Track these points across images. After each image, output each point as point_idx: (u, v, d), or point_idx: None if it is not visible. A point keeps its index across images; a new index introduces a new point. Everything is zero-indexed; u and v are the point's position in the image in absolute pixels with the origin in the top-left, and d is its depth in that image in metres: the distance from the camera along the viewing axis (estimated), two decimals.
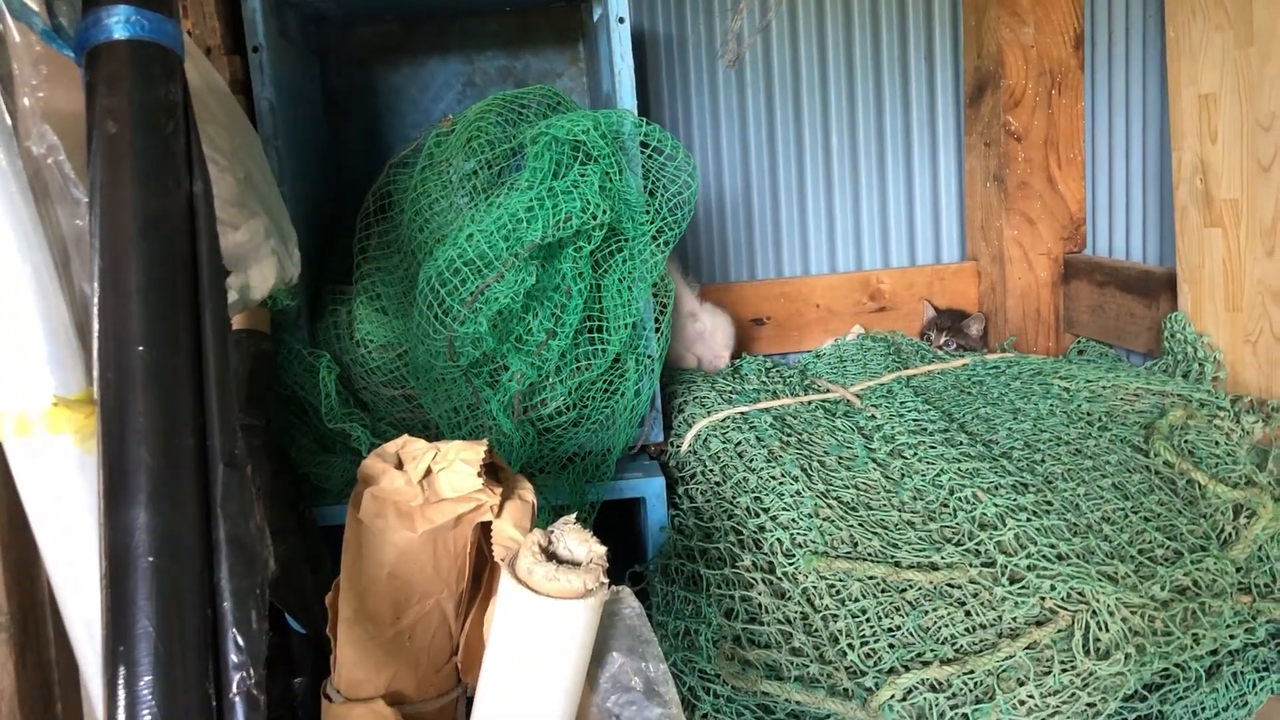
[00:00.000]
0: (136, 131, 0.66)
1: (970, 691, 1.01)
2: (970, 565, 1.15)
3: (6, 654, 0.85)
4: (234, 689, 0.68)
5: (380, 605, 0.91)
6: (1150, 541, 1.16)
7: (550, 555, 0.76)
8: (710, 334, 1.93)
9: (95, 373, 0.64)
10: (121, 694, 0.61)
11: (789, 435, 1.53)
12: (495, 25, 1.89)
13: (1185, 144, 1.54)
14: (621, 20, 1.48)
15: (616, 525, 1.62)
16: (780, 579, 1.19)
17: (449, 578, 0.93)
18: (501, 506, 0.90)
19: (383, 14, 1.83)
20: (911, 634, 1.07)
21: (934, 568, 1.16)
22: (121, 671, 0.61)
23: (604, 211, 1.32)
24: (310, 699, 0.99)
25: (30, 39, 0.72)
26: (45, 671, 0.90)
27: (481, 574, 0.98)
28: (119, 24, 0.66)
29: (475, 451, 0.90)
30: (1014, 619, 1.07)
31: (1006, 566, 1.13)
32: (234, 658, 0.68)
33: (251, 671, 0.68)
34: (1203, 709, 1.05)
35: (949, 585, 1.14)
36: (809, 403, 1.69)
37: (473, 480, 0.88)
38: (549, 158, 1.37)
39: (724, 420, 1.60)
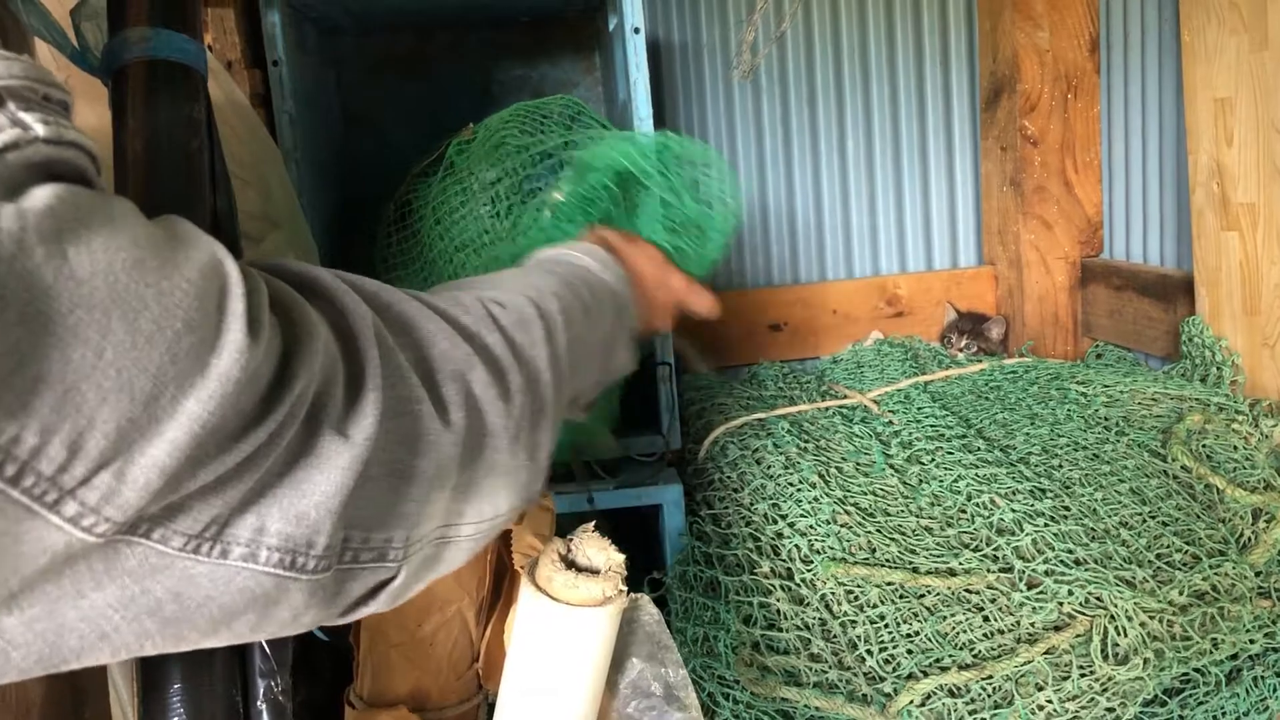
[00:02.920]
0: (162, 150, 0.68)
1: (989, 697, 1.01)
2: (988, 571, 1.16)
3: None
4: (260, 696, 0.69)
5: (402, 613, 0.92)
6: (1168, 546, 1.16)
7: (569, 563, 0.77)
8: None
9: None
10: (151, 701, 0.62)
11: (806, 441, 1.54)
12: (511, 36, 1.91)
13: (1201, 148, 1.54)
14: (637, 30, 1.49)
15: (634, 533, 1.63)
16: (798, 585, 1.19)
17: (470, 585, 0.94)
18: (521, 514, 0.91)
19: (400, 26, 1.85)
20: (930, 640, 1.08)
21: (952, 573, 1.17)
22: (150, 678, 0.62)
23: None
24: (333, 706, 1.00)
25: (59, 60, 0.73)
26: (75, 678, 0.91)
27: (501, 581, 0.99)
28: (144, 45, 0.67)
29: None
30: (1032, 624, 1.08)
31: (1024, 572, 1.13)
32: (260, 665, 0.69)
33: (278, 679, 0.69)
34: (1223, 714, 1.05)
35: (967, 591, 1.14)
36: (826, 409, 1.69)
37: None
38: (603, 187, 1.38)
39: (741, 427, 1.61)
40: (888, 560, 1.20)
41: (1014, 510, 1.22)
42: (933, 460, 1.41)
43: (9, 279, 0.33)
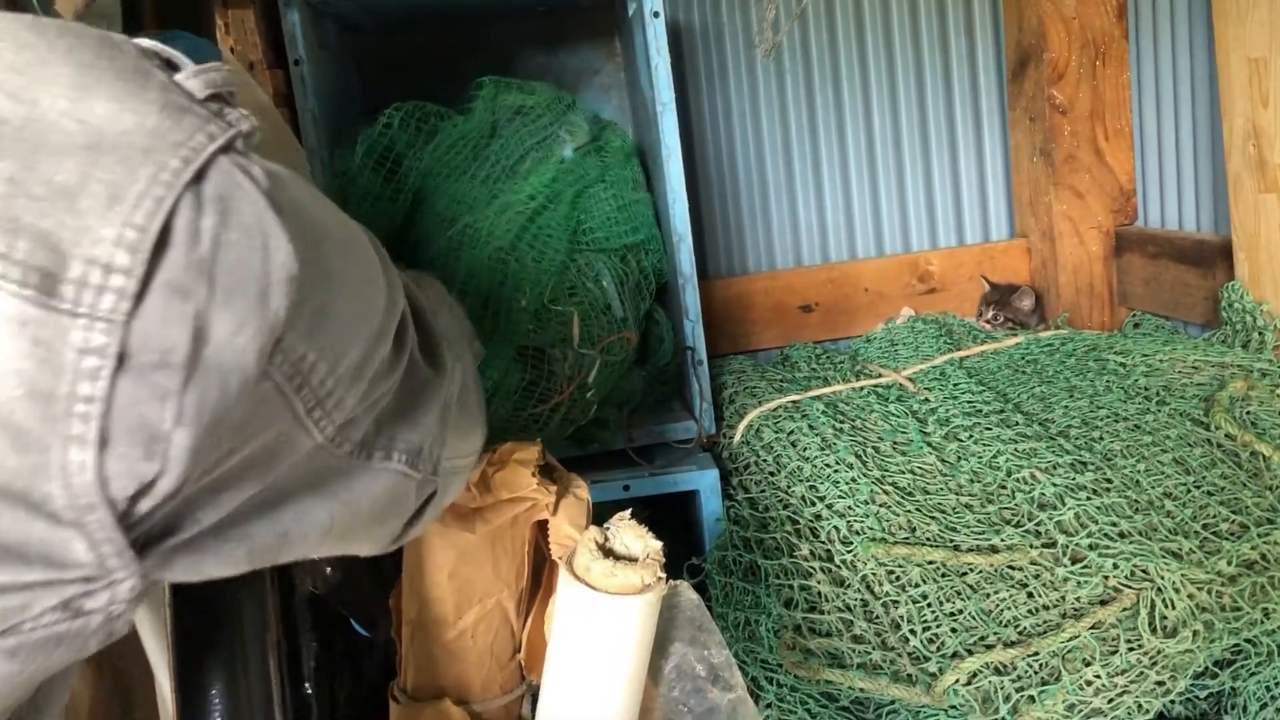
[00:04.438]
0: None
1: (1036, 673, 1.00)
2: (1031, 546, 1.14)
3: (84, 665, 0.87)
4: (292, 694, 0.70)
5: (443, 607, 0.92)
6: (1215, 516, 1.14)
7: (607, 552, 0.77)
8: None
9: None
10: (191, 701, 0.62)
11: (842, 422, 1.52)
12: (530, 25, 1.90)
13: (1236, 110, 1.50)
14: (656, 14, 1.48)
15: (671, 519, 1.63)
16: (839, 567, 1.18)
17: (509, 577, 0.94)
18: (557, 504, 0.91)
19: (420, 21, 1.85)
20: (974, 618, 1.07)
21: (994, 550, 1.16)
22: (189, 680, 0.63)
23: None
24: (378, 701, 1.00)
25: None
26: (121, 679, 0.92)
27: (540, 572, 0.99)
28: None
29: (530, 452, 0.91)
30: (1077, 599, 1.06)
31: (1068, 546, 1.11)
32: (291, 667, 0.70)
33: (308, 681, 0.70)
34: (1276, 684, 1.03)
35: (1010, 567, 1.13)
36: (861, 388, 1.68)
37: (528, 479, 0.89)
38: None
39: (776, 409, 1.60)
40: (928, 539, 1.19)
41: (1055, 484, 1.21)
42: (971, 436, 1.39)
43: (294, 234, 0.41)
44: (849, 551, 1.18)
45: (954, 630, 1.05)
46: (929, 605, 1.09)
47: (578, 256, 1.52)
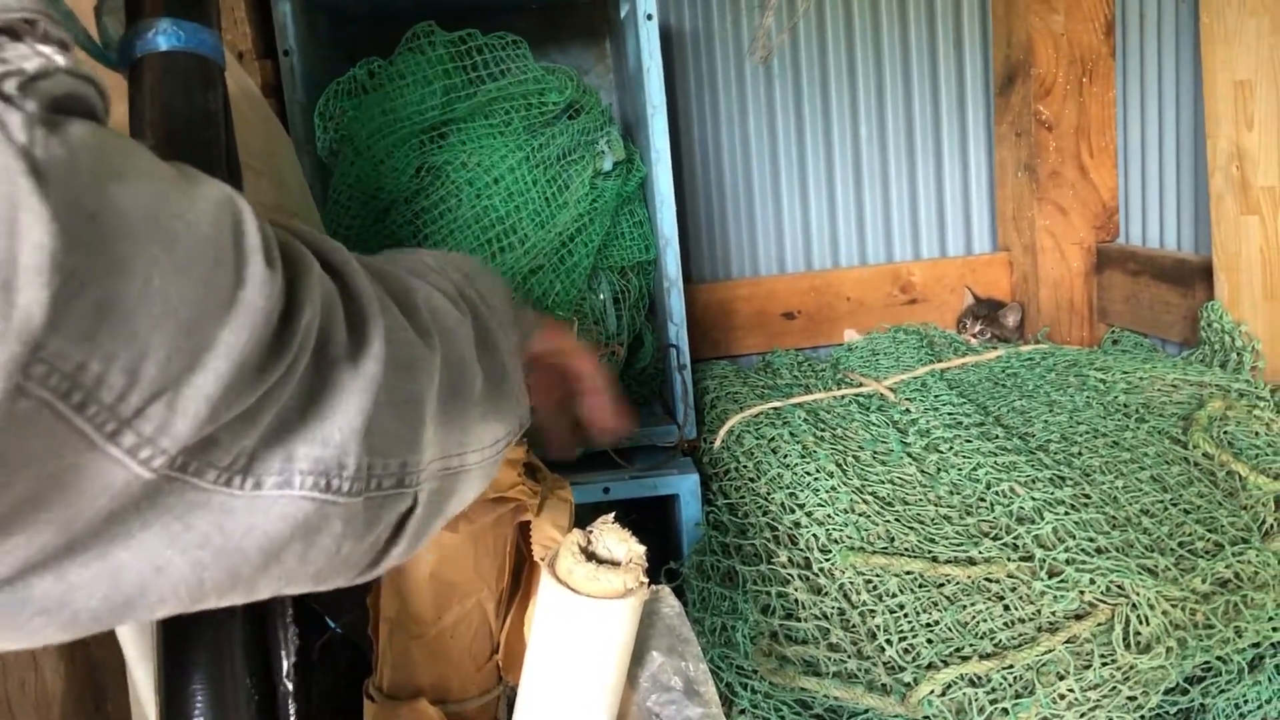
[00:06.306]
0: (178, 142, 0.67)
1: (1010, 686, 1.01)
2: (1008, 559, 1.15)
3: (57, 657, 0.86)
4: (277, 692, 0.69)
5: (422, 605, 0.92)
6: (1190, 534, 1.15)
7: (590, 555, 0.76)
8: None
9: None
10: (175, 699, 0.62)
11: (823, 430, 1.53)
12: (522, 24, 1.90)
13: (1220, 131, 1.52)
14: (650, 17, 1.48)
15: (650, 523, 1.63)
16: (817, 575, 1.19)
17: (490, 577, 0.94)
18: (540, 506, 0.90)
19: (411, 14, 1.84)
20: (950, 629, 1.07)
21: (972, 562, 1.16)
22: (172, 677, 0.62)
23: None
24: (352, 699, 1.00)
25: (79, 54, 0.73)
26: (95, 673, 0.91)
27: (520, 572, 0.98)
28: (161, 36, 0.66)
29: (516, 451, 0.90)
30: (1053, 613, 1.07)
31: (1045, 560, 1.12)
32: (278, 664, 0.69)
33: (290, 676, 0.69)
34: (1245, 701, 1.04)
35: (987, 580, 1.13)
36: (842, 397, 1.68)
37: (514, 479, 0.89)
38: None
39: (757, 416, 1.60)
40: (907, 549, 1.19)
41: (1034, 498, 1.22)
42: (951, 448, 1.40)
43: (62, 209, 0.33)
44: (827, 560, 1.18)
45: (930, 641, 1.06)
46: (905, 615, 1.09)
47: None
